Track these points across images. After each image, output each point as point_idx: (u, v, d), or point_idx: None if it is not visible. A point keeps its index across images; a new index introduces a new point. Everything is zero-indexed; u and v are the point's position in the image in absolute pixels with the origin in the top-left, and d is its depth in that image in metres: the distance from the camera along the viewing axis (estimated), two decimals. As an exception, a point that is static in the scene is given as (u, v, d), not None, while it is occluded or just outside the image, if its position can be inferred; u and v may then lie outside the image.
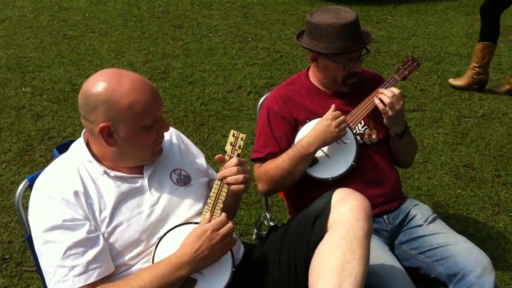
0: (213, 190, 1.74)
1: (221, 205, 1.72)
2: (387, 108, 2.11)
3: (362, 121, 2.22)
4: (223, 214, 1.66)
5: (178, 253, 1.60)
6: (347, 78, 2.17)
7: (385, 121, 2.17)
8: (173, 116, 4.03)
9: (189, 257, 1.58)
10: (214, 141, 3.73)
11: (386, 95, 2.12)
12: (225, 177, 1.72)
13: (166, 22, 5.81)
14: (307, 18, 2.15)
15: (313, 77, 2.27)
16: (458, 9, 6.41)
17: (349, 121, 2.16)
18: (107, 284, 1.58)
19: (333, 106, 2.10)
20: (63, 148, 1.88)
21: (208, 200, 1.73)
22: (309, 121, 2.17)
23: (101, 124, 1.60)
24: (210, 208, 1.71)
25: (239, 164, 1.73)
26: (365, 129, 2.23)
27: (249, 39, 5.41)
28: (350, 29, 2.06)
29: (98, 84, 1.60)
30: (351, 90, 2.22)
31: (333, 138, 2.06)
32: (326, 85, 2.24)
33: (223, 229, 1.63)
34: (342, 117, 2.07)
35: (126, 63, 4.84)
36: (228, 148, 1.80)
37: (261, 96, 2.48)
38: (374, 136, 2.23)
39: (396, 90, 2.13)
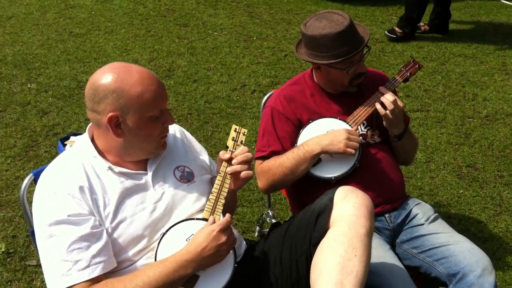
0: (214, 186, 1.76)
1: (223, 201, 1.74)
2: (387, 112, 2.13)
3: (365, 122, 2.23)
4: (228, 215, 1.68)
5: (184, 251, 1.61)
6: (353, 79, 2.18)
7: (384, 123, 2.19)
8: (177, 113, 4.04)
9: (194, 256, 1.60)
10: (217, 139, 3.74)
11: (388, 99, 2.13)
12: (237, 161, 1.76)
13: (171, 20, 5.83)
14: (301, 30, 2.14)
15: (317, 77, 2.28)
16: (463, 10, 6.41)
17: (351, 121, 2.17)
18: (112, 279, 1.59)
19: (355, 127, 2.14)
20: (67, 140, 1.90)
21: (210, 196, 1.74)
22: (311, 121, 2.19)
23: (110, 114, 1.62)
24: (212, 204, 1.73)
25: (247, 151, 1.79)
26: (367, 130, 2.24)
27: (254, 38, 5.42)
28: (346, 34, 2.05)
29: (107, 75, 1.62)
30: (350, 92, 2.23)
31: (337, 149, 2.06)
32: (332, 87, 2.25)
33: (227, 228, 1.65)
34: (357, 138, 2.08)
35: (131, 61, 4.85)
36: (230, 143, 1.82)
37: (265, 94, 2.49)
38: (376, 137, 2.25)
39: (393, 96, 2.15)
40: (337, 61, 2.08)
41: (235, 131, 1.84)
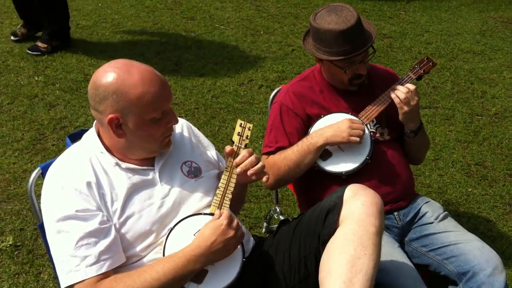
0: (221, 181, 1.75)
1: (230, 196, 1.74)
2: (402, 103, 2.11)
3: (374, 120, 2.21)
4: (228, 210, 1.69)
5: (192, 246, 1.60)
6: (353, 79, 2.17)
7: (400, 117, 2.16)
8: (184, 108, 4.03)
9: (203, 250, 1.59)
10: (225, 134, 3.73)
11: (401, 90, 2.12)
12: (238, 164, 1.74)
13: (178, 13, 5.80)
14: (310, 19, 2.13)
15: (323, 71, 2.26)
16: (471, 5, 6.36)
17: (362, 117, 2.15)
18: (121, 274, 1.59)
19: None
20: (75, 137, 1.90)
21: (217, 191, 1.74)
22: (323, 116, 2.17)
23: (110, 115, 1.60)
24: (219, 199, 1.72)
25: (250, 153, 1.77)
26: (377, 128, 2.23)
27: (261, 32, 5.40)
28: (350, 34, 2.03)
29: (108, 74, 1.60)
30: (359, 89, 2.21)
31: (341, 139, 2.05)
32: (335, 83, 2.24)
33: (235, 222, 1.65)
34: (359, 125, 2.07)
35: (138, 54, 4.84)
36: (235, 138, 1.82)
37: (272, 89, 2.48)
38: (386, 135, 2.23)
39: (411, 86, 2.13)
40: (336, 59, 2.07)
41: (240, 125, 1.84)
